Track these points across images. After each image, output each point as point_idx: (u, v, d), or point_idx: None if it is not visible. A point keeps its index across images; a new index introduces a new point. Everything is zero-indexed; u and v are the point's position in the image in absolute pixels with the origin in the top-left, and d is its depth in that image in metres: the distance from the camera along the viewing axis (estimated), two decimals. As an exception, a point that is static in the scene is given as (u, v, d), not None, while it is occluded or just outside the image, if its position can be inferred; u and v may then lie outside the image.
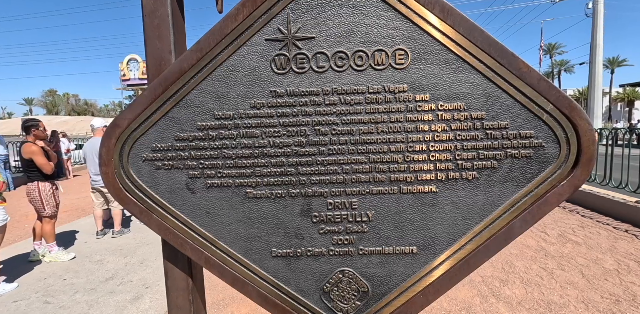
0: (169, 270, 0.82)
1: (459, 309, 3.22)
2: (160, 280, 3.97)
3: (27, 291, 3.79)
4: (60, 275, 4.19)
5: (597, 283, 3.62)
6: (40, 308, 3.43)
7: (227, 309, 3.33)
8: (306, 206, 0.75)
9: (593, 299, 3.31)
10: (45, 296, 3.67)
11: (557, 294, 3.41)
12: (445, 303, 3.32)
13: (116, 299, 3.58)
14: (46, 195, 4.57)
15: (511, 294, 3.44)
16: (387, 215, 0.75)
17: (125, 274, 4.19)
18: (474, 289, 3.55)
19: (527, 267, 4.02)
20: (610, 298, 3.33)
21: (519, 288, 3.55)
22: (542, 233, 5.20)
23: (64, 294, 3.71)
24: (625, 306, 3.17)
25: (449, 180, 0.73)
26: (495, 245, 0.73)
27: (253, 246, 0.77)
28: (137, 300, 3.55)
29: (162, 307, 3.38)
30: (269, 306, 0.77)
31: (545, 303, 3.27)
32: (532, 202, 0.71)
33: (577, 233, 5.18)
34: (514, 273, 3.87)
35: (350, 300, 0.77)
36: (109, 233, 5.66)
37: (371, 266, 0.76)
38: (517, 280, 3.72)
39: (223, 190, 0.77)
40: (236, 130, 0.75)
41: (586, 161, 0.69)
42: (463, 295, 3.45)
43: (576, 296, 3.38)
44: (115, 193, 0.77)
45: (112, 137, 0.75)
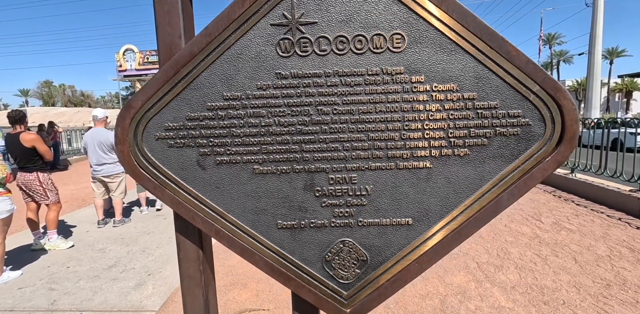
0: (180, 242, 0.88)
1: (454, 293, 3.31)
2: (162, 268, 4.05)
3: (32, 279, 3.86)
4: (64, 263, 4.26)
5: (589, 268, 3.71)
6: (45, 294, 3.50)
7: (228, 294, 3.41)
8: (309, 181, 0.81)
9: (585, 283, 3.41)
10: (50, 283, 3.74)
11: (550, 279, 3.50)
12: (441, 288, 3.41)
13: (119, 286, 3.66)
14: (47, 183, 4.59)
15: (505, 280, 3.53)
16: (385, 189, 0.81)
17: (127, 262, 4.26)
18: (470, 275, 3.64)
19: (521, 254, 4.11)
20: (602, 282, 3.42)
21: (513, 274, 3.64)
22: (537, 221, 5.29)
23: (68, 281, 3.78)
24: (615, 290, 3.26)
25: (442, 157, 0.79)
26: (485, 216, 0.78)
27: (260, 218, 0.83)
28: (140, 287, 3.62)
29: (164, 293, 3.46)
30: (275, 275, 0.83)
31: (539, 288, 3.36)
32: (518, 177, 0.77)
33: (572, 221, 5.27)
34: (509, 260, 3.96)
35: (350, 268, 0.83)
36: (110, 222, 5.72)
37: (370, 236, 0.82)
38: (511, 266, 3.81)
39: (232, 167, 0.82)
40: (244, 110, 0.80)
41: (569, 139, 0.75)
42: (459, 280, 3.53)
43: (568, 281, 3.47)
44: (130, 170, 0.82)
45: (127, 118, 0.80)
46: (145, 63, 33.99)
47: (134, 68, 34.08)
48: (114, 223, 5.61)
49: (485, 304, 3.13)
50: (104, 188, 5.55)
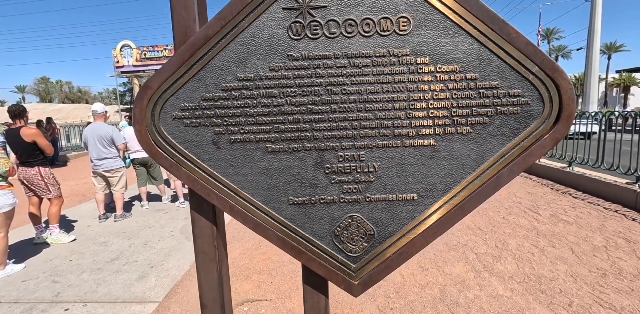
0: (195, 219, 0.92)
1: (453, 283, 3.37)
2: (165, 260, 4.09)
3: (35, 272, 3.89)
4: (66, 257, 4.29)
5: (585, 258, 3.77)
6: (49, 286, 3.54)
7: (231, 286, 3.44)
8: (319, 159, 0.85)
9: (581, 273, 3.47)
10: (53, 276, 3.78)
11: (547, 269, 3.56)
12: (440, 278, 3.46)
13: (123, 278, 3.69)
14: (49, 177, 4.61)
15: (503, 270, 3.58)
16: (391, 166, 0.85)
17: (129, 255, 4.30)
18: (469, 265, 3.70)
19: (519, 245, 4.17)
20: (598, 272, 3.48)
21: (511, 264, 3.69)
22: (534, 213, 5.35)
23: (71, 274, 3.82)
24: (611, 279, 3.32)
25: (446, 135, 0.83)
26: (486, 191, 0.83)
27: (272, 195, 0.87)
28: (143, 279, 3.66)
29: (167, 285, 3.50)
30: (286, 248, 0.87)
31: (536, 277, 3.42)
32: (518, 154, 0.81)
33: (569, 213, 5.33)
34: (507, 251, 4.02)
35: (359, 242, 0.87)
36: (111, 216, 5.75)
37: (377, 211, 0.86)
38: (509, 257, 3.87)
39: (245, 145, 0.86)
40: (257, 91, 0.84)
41: (566, 118, 0.79)
42: (458, 270, 3.59)
43: (565, 270, 3.53)
44: (148, 149, 0.86)
45: (144, 98, 0.84)
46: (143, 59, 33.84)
47: (131, 64, 33.92)
48: (115, 218, 5.64)
49: (484, 293, 3.18)
50: (105, 183, 5.57)
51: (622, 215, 5.06)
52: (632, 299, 2.98)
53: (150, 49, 33.76)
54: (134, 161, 6.32)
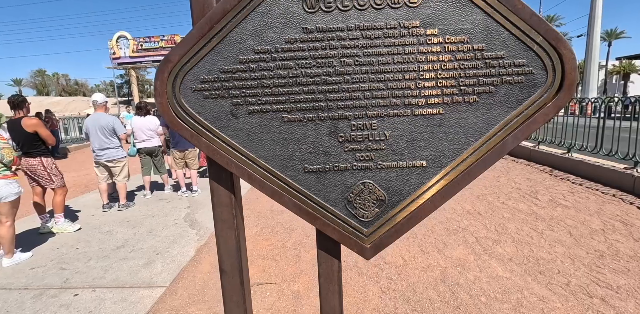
0: (214, 189, 0.96)
1: (454, 265, 3.44)
2: (170, 247, 4.15)
3: (42, 260, 3.95)
4: (72, 245, 4.35)
5: (583, 241, 3.85)
6: (57, 273, 3.60)
7: (237, 269, 3.50)
8: (333, 128, 0.89)
9: (579, 255, 3.54)
10: (61, 264, 3.83)
11: (545, 251, 3.64)
12: (441, 261, 3.54)
13: (129, 265, 3.76)
14: (51, 168, 4.63)
15: (503, 252, 3.66)
16: (402, 134, 0.89)
17: (135, 242, 4.36)
18: (469, 249, 3.77)
19: (518, 228, 4.24)
20: (595, 253, 3.56)
21: (510, 247, 3.77)
22: (533, 198, 5.42)
23: (78, 261, 3.88)
24: (608, 260, 3.40)
25: (454, 103, 0.87)
26: (492, 158, 0.87)
27: (288, 163, 0.91)
28: (149, 265, 3.72)
29: (174, 270, 3.56)
30: (302, 214, 0.92)
31: (535, 259, 3.49)
32: (522, 121, 0.85)
33: (567, 198, 5.40)
34: (506, 234, 4.09)
35: (370, 207, 0.92)
36: (114, 206, 5.80)
37: (388, 178, 0.90)
38: (509, 240, 3.94)
39: (262, 115, 0.90)
40: (273, 63, 0.88)
41: (568, 86, 0.83)
42: (458, 254, 3.66)
43: (563, 252, 3.61)
44: (169, 120, 0.90)
45: (165, 71, 0.87)
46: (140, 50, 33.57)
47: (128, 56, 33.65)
48: (118, 207, 5.69)
49: (484, 274, 3.26)
50: (107, 173, 5.60)
51: (620, 199, 5.13)
52: (628, 279, 3.06)
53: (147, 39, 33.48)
54: (140, 150, 6.38)
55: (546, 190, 5.83)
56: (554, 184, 6.20)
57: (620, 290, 2.91)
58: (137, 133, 6.32)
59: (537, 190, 5.81)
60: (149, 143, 6.34)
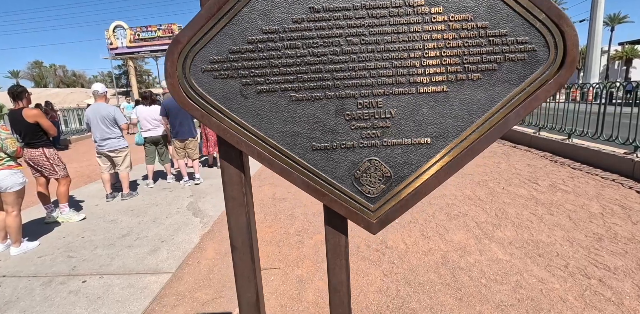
0: (225, 168, 0.99)
1: (455, 249, 3.50)
2: (174, 235, 4.21)
3: (50, 248, 4.00)
4: (78, 234, 4.40)
5: (582, 224, 3.90)
6: (65, 261, 3.66)
7: (241, 254, 3.56)
8: (340, 107, 0.92)
9: (577, 238, 3.60)
10: (68, 252, 3.89)
11: (545, 235, 3.69)
12: (442, 245, 3.59)
13: (135, 252, 3.81)
14: (54, 158, 4.65)
15: (503, 236, 3.71)
16: (407, 112, 0.91)
17: (139, 231, 4.41)
18: (469, 233, 3.82)
19: (518, 213, 4.29)
20: (594, 236, 3.61)
21: (510, 231, 3.82)
22: (533, 184, 5.46)
23: (85, 249, 3.93)
24: (606, 243, 3.45)
25: (458, 81, 0.89)
26: (494, 134, 0.90)
27: (296, 141, 0.94)
28: (155, 252, 3.78)
29: (179, 257, 3.62)
30: (310, 191, 0.95)
31: (534, 242, 3.55)
32: (524, 98, 0.88)
33: (567, 183, 5.44)
34: (506, 219, 4.14)
35: (376, 184, 0.95)
36: (118, 196, 5.84)
37: (393, 155, 0.93)
38: (509, 224, 3.99)
39: (271, 95, 0.92)
40: (281, 43, 0.90)
41: (570, 63, 0.85)
42: (459, 238, 3.72)
43: (562, 235, 3.66)
44: (180, 101, 0.92)
45: (175, 52, 0.89)
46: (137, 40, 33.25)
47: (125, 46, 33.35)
48: (122, 197, 5.73)
49: (484, 257, 3.31)
50: (110, 163, 5.63)
51: (619, 184, 5.18)
52: (625, 261, 3.12)
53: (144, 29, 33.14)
54: (146, 139, 6.44)
55: (546, 175, 5.87)
56: (554, 170, 6.24)
57: (618, 271, 2.97)
58: (142, 122, 6.36)
59: (538, 176, 5.85)
60: (154, 132, 6.40)
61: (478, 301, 2.68)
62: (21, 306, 2.88)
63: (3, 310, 2.84)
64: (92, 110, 5.35)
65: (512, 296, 2.71)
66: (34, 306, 2.88)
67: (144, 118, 6.32)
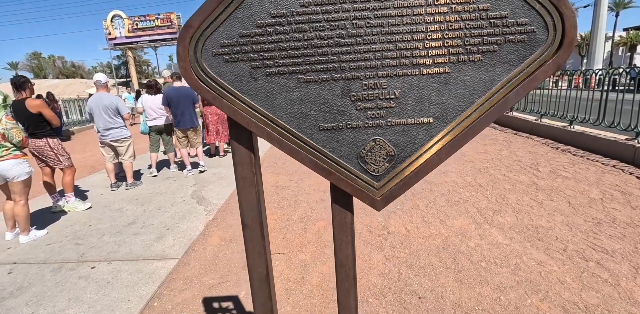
0: (235, 148, 1.03)
1: (455, 234, 3.56)
2: (180, 222, 4.27)
3: (57, 236, 4.08)
4: (85, 222, 4.47)
5: (581, 209, 3.95)
6: (73, 248, 3.73)
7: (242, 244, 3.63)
8: (346, 88, 0.95)
9: (577, 222, 3.65)
10: (75, 239, 3.96)
11: (544, 220, 3.75)
12: (443, 230, 3.65)
13: (142, 239, 3.88)
14: (58, 148, 4.68)
15: (503, 221, 3.77)
16: (410, 92, 0.95)
17: (145, 219, 4.48)
18: (470, 218, 3.88)
19: (519, 199, 4.34)
20: (593, 221, 3.66)
21: (510, 216, 3.88)
22: (534, 170, 5.50)
23: (92, 237, 4.00)
24: (605, 227, 3.51)
25: (459, 62, 0.93)
26: (494, 113, 0.94)
27: (304, 122, 0.98)
28: (161, 239, 3.85)
29: (185, 244, 3.69)
30: (318, 169, 0.99)
31: (534, 227, 3.61)
32: (524, 78, 0.91)
33: (568, 169, 5.48)
34: (507, 204, 4.19)
35: (381, 162, 0.99)
36: (122, 185, 5.90)
37: (397, 134, 0.97)
38: (509, 210, 4.04)
39: (279, 77, 0.96)
40: (289, 26, 0.93)
41: (568, 44, 0.88)
42: (459, 223, 3.78)
43: (562, 220, 3.72)
44: (192, 84, 0.96)
45: (187, 37, 0.93)
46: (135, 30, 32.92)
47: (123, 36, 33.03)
48: (126, 186, 5.79)
49: (484, 242, 3.38)
50: (113, 153, 5.67)
51: (620, 170, 5.22)
52: (623, 244, 3.18)
53: (142, 18, 32.80)
54: (151, 128, 6.49)
55: (547, 162, 5.91)
56: (555, 156, 6.28)
57: (615, 254, 3.03)
58: (147, 111, 6.41)
59: (539, 162, 5.89)
60: (159, 121, 6.45)
61: (478, 283, 2.75)
62: (33, 291, 2.96)
63: (16, 295, 2.93)
64: (95, 100, 5.37)
65: (511, 279, 2.78)
66: (45, 291, 2.96)
67: (149, 107, 6.36)
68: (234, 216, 4.36)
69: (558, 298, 2.52)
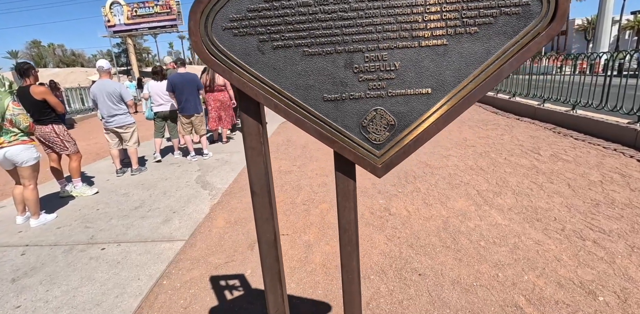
0: (244, 119, 1.09)
1: (456, 215, 3.63)
2: (185, 206, 4.36)
3: (67, 220, 4.18)
4: (93, 206, 4.57)
5: (581, 191, 4.01)
6: (83, 231, 3.83)
7: (249, 225, 3.72)
8: (349, 60, 1.00)
9: (575, 204, 3.72)
10: (84, 223, 4.06)
11: (544, 202, 3.81)
12: (444, 211, 3.72)
13: (149, 222, 3.98)
14: (64, 134, 4.74)
15: (503, 203, 3.84)
16: (410, 64, 1.00)
17: (151, 203, 4.57)
18: (470, 200, 3.95)
19: (519, 182, 4.40)
20: (591, 202, 3.73)
21: (510, 198, 3.94)
22: (535, 154, 5.54)
23: (100, 220, 4.10)
24: (603, 208, 3.57)
25: (457, 35, 0.97)
26: (489, 84, 0.99)
27: (309, 93, 1.03)
28: (168, 222, 3.95)
29: (191, 226, 3.78)
30: (322, 139, 1.06)
31: (533, 208, 3.67)
32: (517, 50, 0.96)
33: (569, 153, 5.52)
34: (507, 187, 4.25)
35: (382, 132, 1.05)
36: (127, 171, 5.98)
37: (397, 104, 1.03)
38: (509, 192, 4.11)
39: (286, 50, 1.01)
40: (294, 1, 0.98)
41: (561, 15, 0.92)
42: (460, 205, 3.85)
43: (561, 202, 3.78)
44: (203, 57, 1.01)
45: (198, 12, 0.98)
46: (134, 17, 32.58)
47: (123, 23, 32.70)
48: (131, 172, 5.88)
49: (484, 222, 3.45)
50: (118, 139, 5.74)
51: (621, 153, 5.25)
52: (620, 224, 3.25)
53: (141, 5, 32.44)
54: (157, 114, 6.54)
55: (548, 146, 5.95)
56: (556, 140, 6.31)
57: (612, 234, 3.10)
58: (153, 97, 6.46)
59: (540, 146, 5.93)
60: (164, 107, 6.51)
61: (476, 261, 2.83)
62: (46, 271, 3.07)
63: (30, 275, 3.03)
64: (98, 86, 5.40)
65: (509, 257, 2.86)
66: (58, 271, 3.06)
67: (155, 93, 6.41)
68: (238, 200, 4.44)
69: (554, 274, 2.60)
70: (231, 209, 4.18)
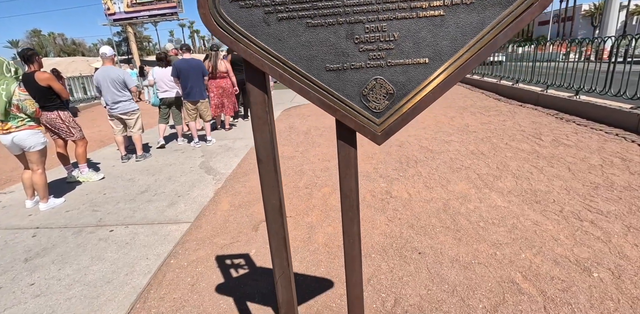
0: (251, 89, 1.14)
1: (456, 198, 3.69)
2: (190, 191, 4.44)
3: (75, 204, 4.27)
4: (100, 191, 4.66)
5: (581, 175, 4.05)
6: (91, 214, 3.92)
7: (252, 208, 3.79)
8: (350, 31, 1.05)
9: (575, 187, 3.77)
10: (92, 207, 4.15)
11: (543, 185, 3.86)
12: (444, 194, 3.78)
13: (155, 206, 4.06)
14: (69, 121, 4.80)
15: (503, 186, 3.89)
16: (408, 35, 1.05)
17: (157, 187, 4.65)
18: (470, 183, 4.00)
19: (519, 166, 4.44)
20: (591, 185, 3.77)
21: (510, 182, 3.99)
22: (537, 139, 5.57)
23: (108, 204, 4.19)
24: (602, 191, 3.62)
25: (453, 6, 1.02)
26: (484, 53, 1.03)
27: (312, 63, 1.08)
28: (173, 205, 4.03)
29: (196, 209, 3.86)
30: (325, 107, 1.11)
31: (532, 191, 3.73)
32: (512, 20, 1.00)
33: (570, 138, 5.54)
34: (507, 171, 4.30)
35: (381, 100, 1.10)
36: (132, 157, 6.05)
37: (396, 74, 1.08)
38: (509, 176, 4.16)
39: (290, 22, 1.06)
40: (298, -27, 1.02)
41: (552, -13, 0.96)
42: (460, 188, 3.90)
43: (560, 185, 3.83)
44: (211, 29, 1.06)
45: (205, -16, 1.02)
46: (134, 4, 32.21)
47: (123, 11, 32.36)
48: (136, 158, 5.95)
49: (484, 204, 3.51)
50: (122, 126, 5.79)
51: (622, 138, 5.28)
52: (618, 206, 3.30)
53: (141, -8, 32.13)
54: (162, 100, 6.59)
55: (550, 131, 5.97)
56: (558, 126, 6.33)
57: (610, 215, 3.16)
58: (158, 83, 6.50)
59: (542, 132, 5.95)
60: (169, 93, 6.56)
61: (475, 240, 2.90)
62: (58, 252, 3.17)
63: (42, 255, 3.13)
64: (101, 73, 5.43)
65: (507, 236, 2.93)
66: (68, 251, 3.16)
67: (160, 79, 6.45)
68: (242, 184, 4.52)
69: (551, 253, 2.67)
70: (235, 193, 4.26)
